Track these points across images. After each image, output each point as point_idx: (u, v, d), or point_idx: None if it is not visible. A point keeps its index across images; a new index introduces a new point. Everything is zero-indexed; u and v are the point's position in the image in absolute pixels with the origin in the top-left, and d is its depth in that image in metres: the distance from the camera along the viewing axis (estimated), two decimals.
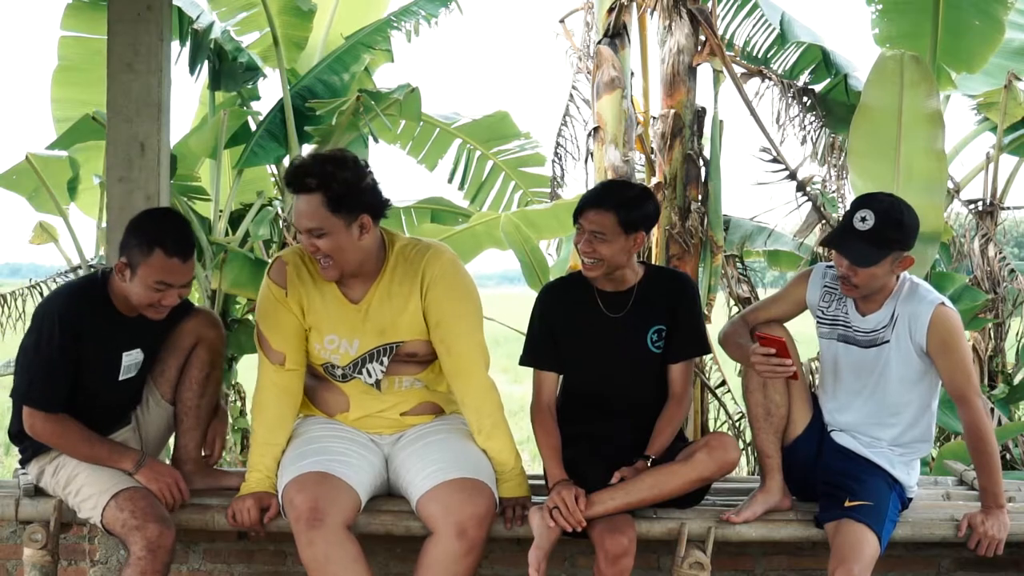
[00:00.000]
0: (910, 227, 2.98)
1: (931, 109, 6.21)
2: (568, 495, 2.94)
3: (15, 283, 9.44)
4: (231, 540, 3.49)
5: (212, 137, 6.69)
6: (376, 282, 3.03)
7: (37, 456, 3.12)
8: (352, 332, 3.04)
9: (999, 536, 3.04)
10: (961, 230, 8.07)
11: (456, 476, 2.96)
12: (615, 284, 3.18)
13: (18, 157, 7.41)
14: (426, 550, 2.91)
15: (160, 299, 2.94)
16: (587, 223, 3.06)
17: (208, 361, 3.23)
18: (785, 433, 3.16)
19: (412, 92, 6.70)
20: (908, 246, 2.98)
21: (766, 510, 3.12)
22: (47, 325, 2.97)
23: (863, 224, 2.92)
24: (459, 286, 3.06)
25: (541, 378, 3.22)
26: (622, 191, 3.17)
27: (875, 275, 2.97)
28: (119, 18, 3.67)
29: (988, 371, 7.81)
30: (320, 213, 2.85)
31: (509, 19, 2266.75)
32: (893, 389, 3.09)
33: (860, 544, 2.87)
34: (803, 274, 3.23)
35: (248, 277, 6.29)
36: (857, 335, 3.10)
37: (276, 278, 3.07)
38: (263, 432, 3.10)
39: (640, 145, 6.41)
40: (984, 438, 3.03)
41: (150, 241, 2.91)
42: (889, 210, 2.95)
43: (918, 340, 3.02)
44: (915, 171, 6.36)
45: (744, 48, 6.87)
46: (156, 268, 2.90)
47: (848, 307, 3.11)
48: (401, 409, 3.16)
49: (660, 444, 3.12)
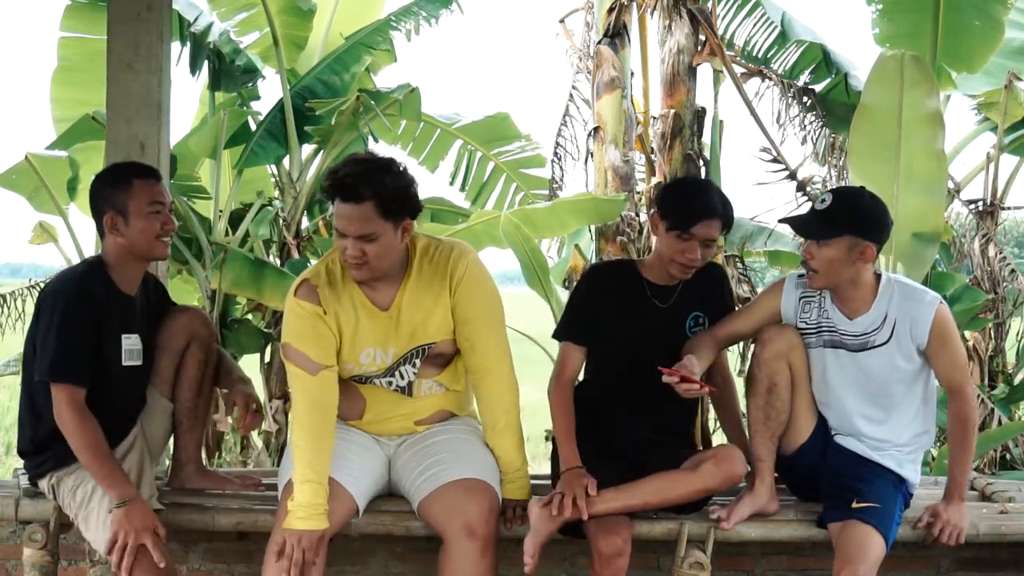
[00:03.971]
0: (868, 214, 2.97)
1: (931, 109, 6.21)
2: (579, 485, 2.94)
3: (15, 283, 9.44)
4: (231, 540, 3.49)
5: (212, 137, 6.69)
6: (403, 285, 2.99)
7: (57, 469, 3.02)
8: (386, 340, 3.01)
9: (961, 525, 3.05)
10: (961, 230, 8.07)
11: (458, 477, 2.96)
12: (666, 278, 3.19)
13: (18, 157, 7.41)
14: (444, 562, 2.89)
15: (163, 224, 3.01)
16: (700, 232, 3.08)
17: (203, 360, 3.22)
18: (790, 439, 3.14)
19: (412, 92, 6.69)
20: (867, 235, 2.95)
21: (753, 513, 3.11)
22: (62, 304, 2.94)
23: (821, 204, 2.98)
24: (486, 284, 3.06)
25: (569, 353, 3.22)
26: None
27: (831, 260, 2.95)
28: (119, 18, 3.67)
29: (988, 371, 7.80)
30: (373, 220, 2.81)
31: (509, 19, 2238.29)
32: (891, 390, 3.08)
33: (866, 545, 2.86)
34: (775, 285, 3.21)
35: (248, 277, 6.29)
36: (846, 339, 3.07)
37: (309, 298, 2.95)
38: (315, 457, 2.86)
39: (640, 145, 6.42)
40: (972, 427, 3.06)
41: (122, 177, 3.03)
42: (848, 194, 3.03)
43: (919, 340, 3.01)
44: (915, 171, 6.36)
45: (744, 48, 6.87)
46: (143, 193, 2.99)
47: (832, 312, 3.08)
48: (417, 417, 3.14)
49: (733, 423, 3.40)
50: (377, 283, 2.97)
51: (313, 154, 7.27)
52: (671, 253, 3.10)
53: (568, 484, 2.96)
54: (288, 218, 6.98)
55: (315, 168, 7.23)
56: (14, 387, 12.22)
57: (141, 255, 3.06)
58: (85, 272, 3.06)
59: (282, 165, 7.30)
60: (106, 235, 3.02)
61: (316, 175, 7.24)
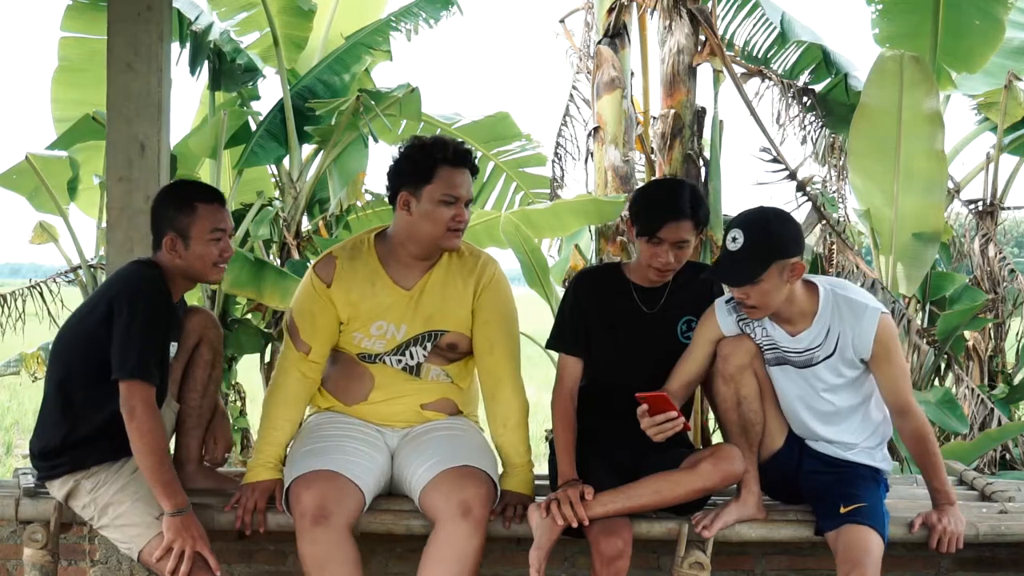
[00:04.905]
0: (781, 234, 2.88)
1: (931, 109, 6.22)
2: (574, 491, 2.94)
3: (15, 283, 9.45)
4: (231, 540, 3.49)
5: (212, 137, 6.70)
6: (430, 271, 3.15)
7: (74, 471, 2.99)
8: (401, 317, 3.14)
9: (958, 531, 3.02)
10: (961, 230, 8.08)
11: (455, 464, 3.00)
12: (652, 280, 3.18)
13: (18, 157, 7.44)
14: (433, 538, 2.92)
15: (221, 250, 3.03)
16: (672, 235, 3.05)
17: (210, 361, 3.25)
18: (765, 446, 3.13)
19: (412, 92, 6.70)
20: (790, 253, 2.87)
21: (738, 521, 3.10)
22: (145, 304, 2.92)
23: (734, 244, 2.85)
24: (508, 294, 3.24)
25: (566, 363, 3.22)
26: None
27: (767, 291, 2.87)
28: (119, 18, 3.67)
29: (988, 371, 7.81)
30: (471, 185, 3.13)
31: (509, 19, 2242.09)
32: (840, 396, 3.06)
33: (866, 545, 2.86)
34: (705, 316, 3.11)
35: (248, 277, 6.29)
36: (790, 356, 3.03)
37: (322, 273, 3.16)
38: (279, 409, 3.16)
39: (640, 145, 6.41)
40: (931, 442, 3.02)
41: (186, 199, 3.01)
42: (754, 222, 2.88)
43: (862, 353, 2.97)
44: (915, 171, 6.37)
45: (744, 48, 6.87)
46: (207, 218, 2.99)
47: (774, 330, 3.02)
48: (423, 400, 3.20)
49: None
50: (404, 265, 3.14)
51: (313, 154, 7.28)
52: (645, 258, 3.11)
53: (563, 493, 2.97)
54: (288, 218, 6.99)
55: (315, 168, 7.24)
56: (14, 387, 12.27)
57: (194, 278, 3.09)
58: (158, 276, 3.03)
59: (282, 165, 7.30)
60: (163, 251, 3.02)
61: (316, 175, 7.24)
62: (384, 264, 3.15)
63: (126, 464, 2.98)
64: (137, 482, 2.96)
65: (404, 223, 3.09)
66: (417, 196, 3.03)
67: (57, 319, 7.98)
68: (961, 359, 7.33)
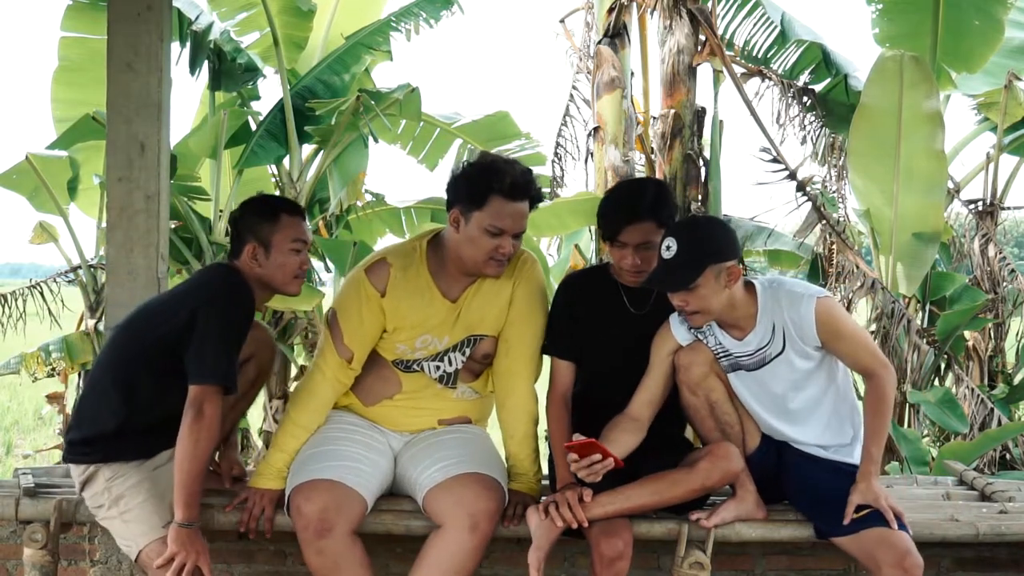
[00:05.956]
0: (713, 237, 2.91)
1: (931, 109, 6.23)
2: (573, 494, 2.94)
3: (15, 283, 9.45)
4: (231, 540, 3.49)
5: (212, 137, 6.70)
6: (478, 282, 3.11)
7: (102, 461, 2.98)
8: (443, 329, 3.12)
9: (890, 502, 2.95)
10: (961, 230, 8.08)
11: (468, 471, 2.99)
12: (630, 281, 3.17)
13: (18, 157, 7.45)
14: (434, 542, 2.92)
15: (301, 262, 3.05)
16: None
17: (252, 380, 3.24)
18: (743, 447, 3.13)
19: (412, 92, 6.70)
20: (724, 256, 2.89)
21: (736, 518, 3.10)
22: (236, 312, 2.94)
23: (668, 252, 2.87)
24: (541, 295, 3.20)
25: (558, 367, 3.22)
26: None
27: (705, 296, 2.88)
28: (119, 18, 3.68)
29: (988, 371, 7.82)
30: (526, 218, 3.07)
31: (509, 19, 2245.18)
32: (801, 392, 3.05)
33: (898, 542, 2.85)
34: (661, 331, 3.11)
35: None
36: (742, 360, 3.04)
37: (375, 280, 3.10)
38: (304, 415, 3.11)
39: (640, 145, 6.42)
40: (888, 406, 2.99)
41: (271, 209, 3.05)
42: (686, 229, 2.91)
43: (809, 341, 2.97)
44: (915, 171, 6.37)
45: (744, 48, 6.87)
46: (289, 229, 3.02)
47: (723, 337, 3.03)
48: (443, 416, 3.20)
49: None
50: (452, 277, 3.10)
51: (313, 154, 7.28)
52: (615, 261, 3.11)
53: (561, 496, 2.96)
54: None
55: (315, 168, 7.24)
56: (14, 387, 12.26)
57: (273, 289, 3.08)
58: (245, 284, 3.02)
59: (282, 165, 7.31)
60: (244, 259, 3.03)
61: (316, 175, 7.24)
62: (434, 275, 3.10)
63: (148, 461, 2.99)
64: (153, 480, 2.96)
65: (453, 239, 3.05)
66: (466, 218, 2.98)
67: (57, 319, 8.00)
68: (961, 359, 7.33)
